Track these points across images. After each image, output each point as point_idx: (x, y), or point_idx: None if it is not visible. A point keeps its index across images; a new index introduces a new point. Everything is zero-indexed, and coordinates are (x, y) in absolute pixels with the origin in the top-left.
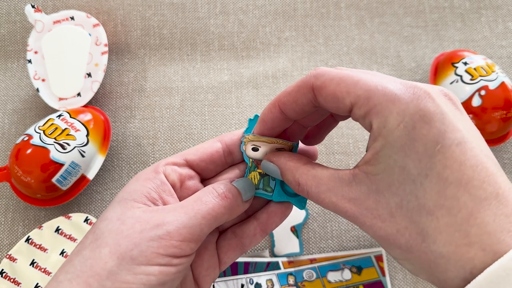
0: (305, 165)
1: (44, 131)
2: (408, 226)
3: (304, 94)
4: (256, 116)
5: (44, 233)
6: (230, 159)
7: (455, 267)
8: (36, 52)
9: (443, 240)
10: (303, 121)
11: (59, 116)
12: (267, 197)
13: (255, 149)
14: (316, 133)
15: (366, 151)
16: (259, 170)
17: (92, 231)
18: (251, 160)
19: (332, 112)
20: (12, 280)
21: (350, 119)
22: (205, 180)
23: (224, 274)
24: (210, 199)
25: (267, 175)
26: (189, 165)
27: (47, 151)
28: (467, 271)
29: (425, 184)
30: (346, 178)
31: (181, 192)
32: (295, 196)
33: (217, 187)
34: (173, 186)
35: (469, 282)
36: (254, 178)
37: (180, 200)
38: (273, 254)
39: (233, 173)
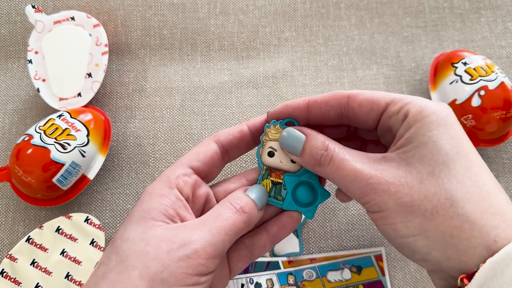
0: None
1: (44, 131)
2: (437, 192)
3: (337, 99)
4: (273, 121)
5: (44, 233)
6: (227, 158)
7: (479, 233)
8: (36, 52)
9: (471, 206)
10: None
11: (60, 116)
12: (277, 205)
13: (271, 154)
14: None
15: (393, 143)
16: (272, 178)
17: (114, 252)
18: (265, 167)
19: (355, 124)
20: (12, 280)
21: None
22: (212, 186)
23: None
24: (230, 215)
25: (279, 184)
26: (195, 172)
27: (47, 151)
28: (491, 238)
29: (456, 159)
30: (375, 157)
31: (193, 202)
32: (305, 207)
33: (234, 202)
34: (187, 199)
35: (492, 250)
36: (267, 186)
37: (193, 211)
38: (273, 254)
39: (241, 182)
